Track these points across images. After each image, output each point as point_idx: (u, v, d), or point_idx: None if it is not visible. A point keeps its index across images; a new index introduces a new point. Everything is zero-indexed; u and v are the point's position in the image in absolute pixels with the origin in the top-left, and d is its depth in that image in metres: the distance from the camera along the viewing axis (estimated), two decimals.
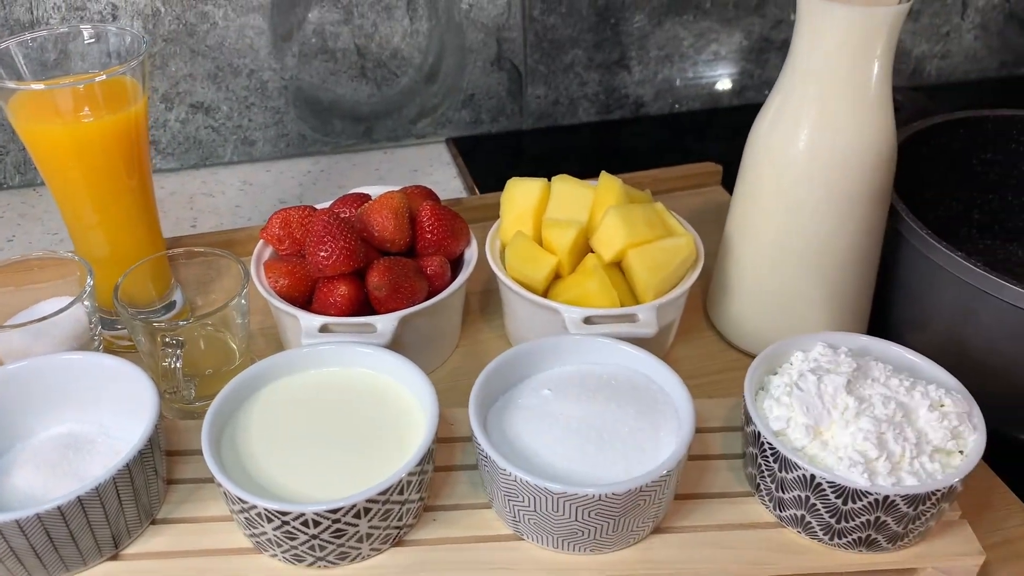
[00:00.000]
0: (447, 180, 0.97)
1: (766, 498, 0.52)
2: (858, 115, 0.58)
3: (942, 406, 0.51)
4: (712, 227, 0.73)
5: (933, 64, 1.15)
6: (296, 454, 0.51)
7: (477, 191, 0.94)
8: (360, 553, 0.49)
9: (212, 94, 0.94)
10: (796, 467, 0.48)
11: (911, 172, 0.68)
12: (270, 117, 0.97)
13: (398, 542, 0.51)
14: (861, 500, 0.47)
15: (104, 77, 0.59)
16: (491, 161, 1.01)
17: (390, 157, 1.02)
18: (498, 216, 0.69)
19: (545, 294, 0.64)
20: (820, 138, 0.58)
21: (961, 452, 0.49)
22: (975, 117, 0.74)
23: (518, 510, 0.49)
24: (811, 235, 0.61)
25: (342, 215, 0.64)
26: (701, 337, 0.71)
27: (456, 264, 0.67)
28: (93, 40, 0.64)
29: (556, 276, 0.65)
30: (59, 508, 0.46)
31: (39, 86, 0.60)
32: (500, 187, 0.70)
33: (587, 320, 0.60)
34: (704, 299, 0.73)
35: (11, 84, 0.59)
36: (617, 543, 0.50)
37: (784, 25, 1.06)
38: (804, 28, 0.57)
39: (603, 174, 0.67)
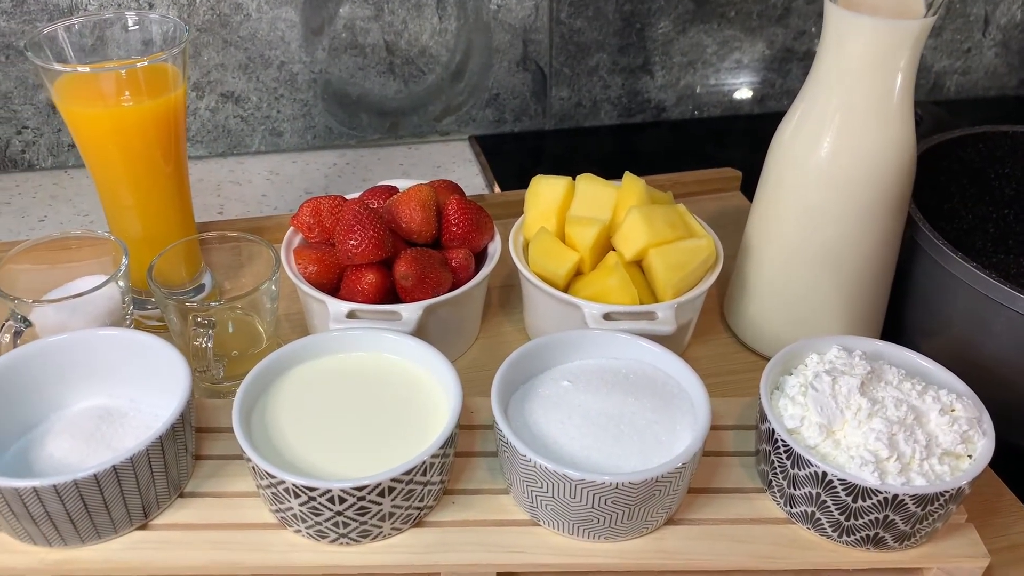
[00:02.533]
0: (469, 177, 0.99)
1: (777, 494, 0.53)
2: (880, 126, 0.59)
3: (953, 411, 0.52)
4: (730, 231, 0.74)
5: (953, 80, 1.16)
6: (323, 434, 0.53)
7: (498, 188, 0.95)
8: (382, 532, 0.51)
9: (242, 84, 0.96)
10: (808, 464, 0.49)
11: (930, 183, 0.69)
12: (298, 109, 0.99)
13: (418, 523, 0.52)
14: (871, 498, 0.48)
15: (147, 63, 0.61)
16: (513, 160, 1.02)
17: (414, 152, 1.03)
18: (519, 213, 0.71)
19: (566, 290, 0.65)
20: (842, 147, 0.59)
21: (970, 456, 0.50)
22: (994, 132, 0.76)
23: (536, 496, 0.51)
24: (829, 241, 0.62)
25: (371, 206, 0.66)
26: (717, 338, 0.72)
27: (480, 257, 0.69)
28: (136, 27, 0.66)
29: (577, 272, 0.66)
30: (95, 476, 0.47)
31: (85, 69, 0.61)
32: (521, 186, 0.71)
33: (607, 316, 0.61)
34: (721, 302, 0.75)
35: (57, 67, 0.61)
36: (631, 532, 0.51)
37: (806, 36, 1.07)
38: (830, 38, 0.59)
39: (627, 174, 0.68)
